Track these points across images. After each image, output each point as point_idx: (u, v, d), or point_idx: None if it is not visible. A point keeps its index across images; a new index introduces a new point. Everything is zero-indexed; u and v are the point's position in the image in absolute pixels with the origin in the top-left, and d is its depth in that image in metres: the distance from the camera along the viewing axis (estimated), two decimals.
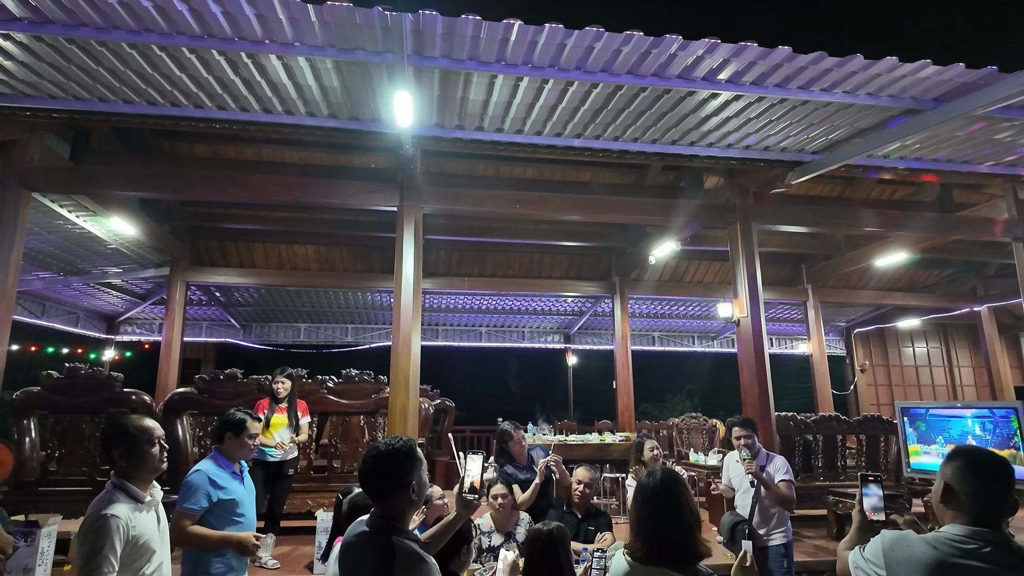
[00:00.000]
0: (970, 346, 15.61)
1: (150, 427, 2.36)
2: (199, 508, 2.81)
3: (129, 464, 2.27)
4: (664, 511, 1.90)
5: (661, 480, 1.96)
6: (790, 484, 4.07)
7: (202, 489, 2.83)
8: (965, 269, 12.19)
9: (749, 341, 6.85)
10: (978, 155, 5.73)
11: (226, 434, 3.07)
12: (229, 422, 3.09)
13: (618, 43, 3.83)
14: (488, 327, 14.29)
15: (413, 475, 1.91)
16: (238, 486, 3.01)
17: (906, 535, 1.85)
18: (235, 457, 3.08)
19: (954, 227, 7.75)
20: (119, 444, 2.28)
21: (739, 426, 4.21)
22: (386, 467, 1.90)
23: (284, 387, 5.73)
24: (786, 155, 5.92)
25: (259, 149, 8.33)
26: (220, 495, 2.88)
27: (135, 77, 4.49)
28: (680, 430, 10.30)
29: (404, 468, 1.90)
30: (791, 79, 4.31)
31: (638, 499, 1.96)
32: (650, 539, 1.89)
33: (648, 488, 1.95)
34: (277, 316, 13.54)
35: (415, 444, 2.01)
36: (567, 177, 9.00)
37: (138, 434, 2.31)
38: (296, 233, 10.38)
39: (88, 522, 2.16)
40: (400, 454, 1.92)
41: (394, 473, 1.89)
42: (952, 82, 4.21)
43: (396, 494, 1.89)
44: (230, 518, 2.92)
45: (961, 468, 1.78)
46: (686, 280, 11.77)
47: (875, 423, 7.50)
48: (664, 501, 1.91)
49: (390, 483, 1.89)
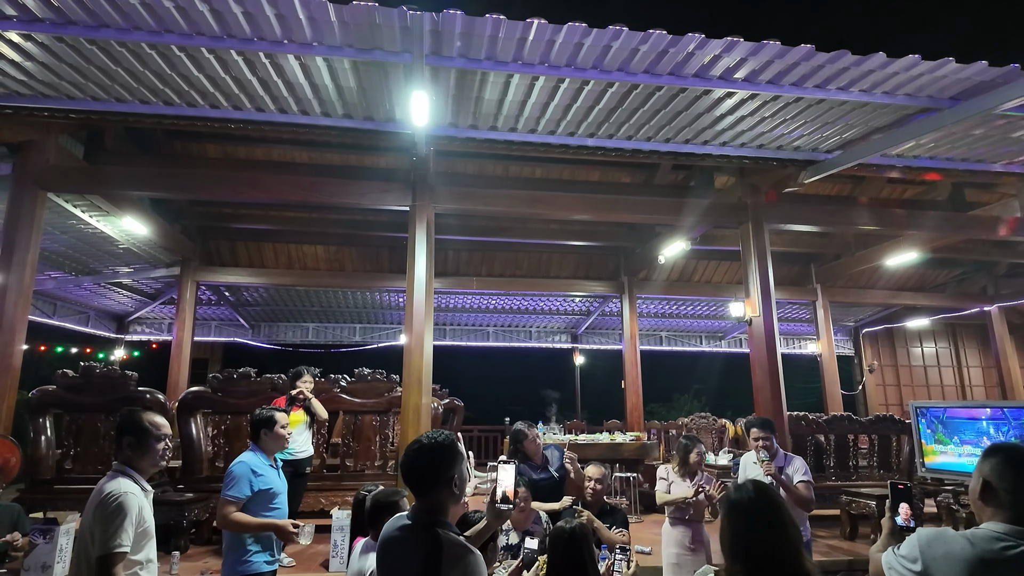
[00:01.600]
0: (979, 346, 15.54)
1: (161, 424, 2.53)
2: (243, 496, 3.01)
3: (135, 453, 2.43)
4: (767, 527, 1.73)
5: (758, 493, 1.79)
6: (809, 485, 4.06)
7: (245, 478, 3.04)
8: (975, 269, 12.14)
9: (761, 341, 6.84)
10: (993, 154, 5.71)
11: (261, 431, 3.27)
12: (261, 420, 3.29)
13: (636, 42, 3.84)
14: (495, 327, 14.30)
15: (455, 469, 1.91)
16: (275, 477, 3.23)
17: (944, 531, 1.83)
18: (272, 450, 3.29)
19: (966, 226, 7.72)
20: (130, 433, 2.44)
21: (757, 427, 4.19)
22: (429, 461, 1.90)
23: (308, 387, 5.66)
24: (799, 154, 5.92)
25: (269, 149, 8.36)
26: (260, 484, 3.09)
27: (153, 77, 4.52)
28: (690, 430, 10.27)
29: (447, 461, 1.91)
30: (808, 78, 4.31)
31: (734, 517, 1.78)
32: (754, 560, 1.71)
33: (745, 503, 1.78)
34: (286, 316, 13.58)
35: (456, 438, 2.02)
36: (576, 177, 9.00)
37: (150, 428, 2.48)
38: (306, 233, 10.41)
39: (103, 499, 2.27)
40: (442, 448, 1.93)
41: (437, 466, 1.90)
42: (970, 80, 4.21)
43: (439, 488, 1.89)
44: (268, 505, 3.12)
45: (1000, 465, 1.77)
46: (695, 280, 11.75)
47: (887, 423, 7.48)
48: (766, 516, 1.75)
49: (433, 477, 1.90)
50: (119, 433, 2.48)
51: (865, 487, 7.01)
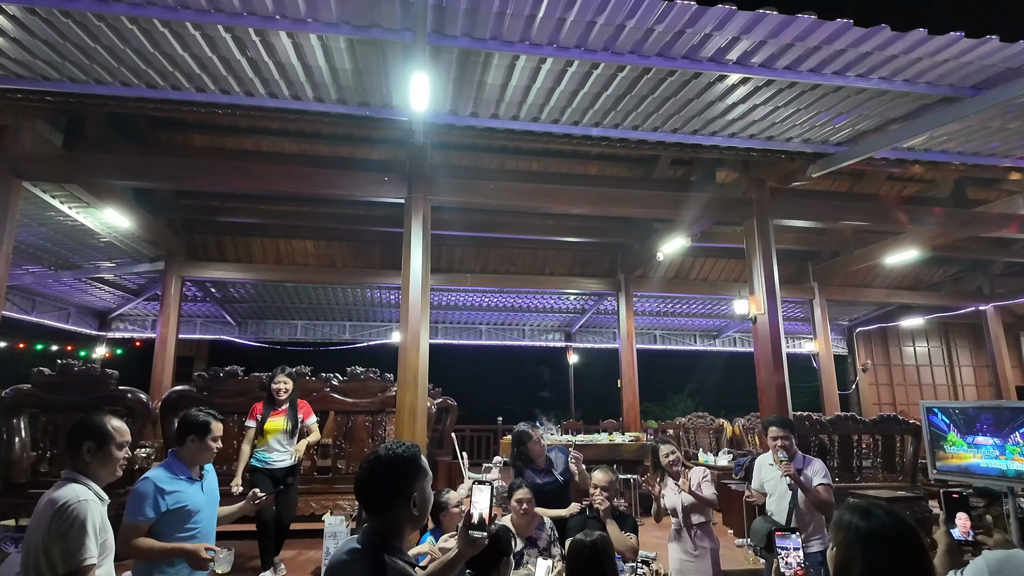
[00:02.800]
0: (971, 345, 15.56)
1: (124, 430, 2.39)
2: (144, 519, 2.63)
3: (94, 460, 2.27)
4: (907, 562, 1.43)
5: (896, 521, 1.48)
6: (829, 488, 3.88)
7: (148, 499, 2.65)
8: (971, 267, 12.10)
9: (766, 339, 6.68)
10: (1005, 148, 5.57)
11: (189, 436, 2.85)
12: (193, 424, 2.87)
13: (652, 20, 3.63)
14: (488, 325, 14.07)
15: (415, 486, 1.69)
16: (195, 493, 2.81)
17: (1014, 554, 1.67)
18: (196, 461, 2.87)
19: (970, 223, 7.60)
20: (91, 438, 2.28)
21: (777, 426, 4.00)
22: (385, 475, 1.69)
23: (286, 387, 5.14)
24: (809, 147, 5.74)
25: (258, 140, 8.08)
26: (169, 504, 2.69)
27: (135, 56, 4.23)
28: (687, 430, 10.13)
29: (403, 477, 1.69)
30: (827, 63, 4.12)
31: (869, 547, 1.46)
32: None
33: (870, 532, 1.47)
34: (274, 313, 13.26)
35: (419, 451, 1.78)
36: (573, 171, 8.80)
37: (113, 433, 2.33)
38: (295, 227, 10.12)
39: (59, 509, 2.08)
40: (401, 460, 1.70)
41: (393, 482, 1.68)
42: (995, 68, 4.04)
43: (393, 507, 1.67)
44: (182, 527, 2.73)
45: None
46: (691, 278, 11.60)
47: (892, 423, 7.34)
48: (907, 549, 1.44)
49: (388, 493, 1.68)
50: (77, 437, 2.29)
51: (870, 488, 6.88)
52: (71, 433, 2.36)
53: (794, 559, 1.92)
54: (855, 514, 1.54)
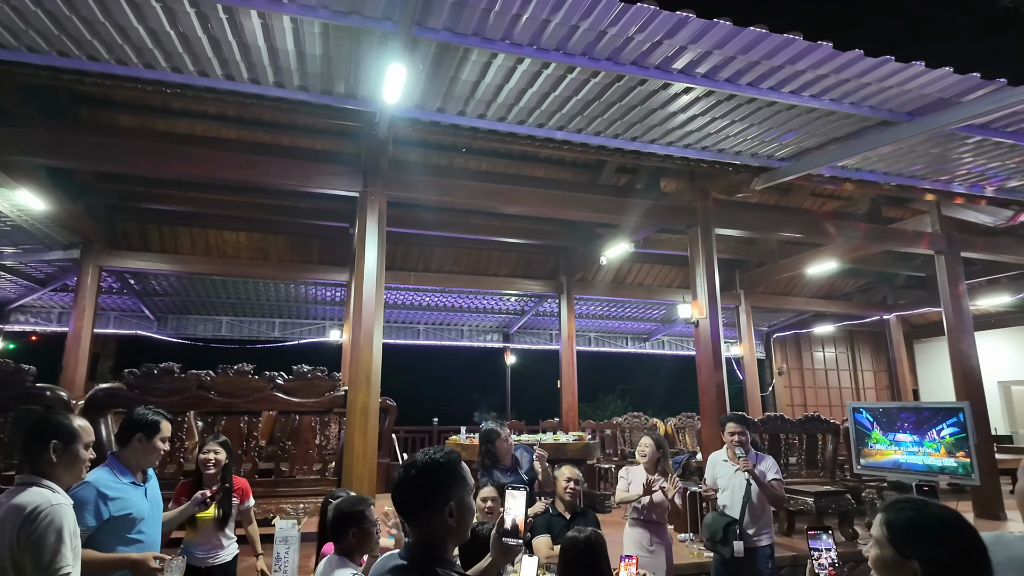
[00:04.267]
0: (872, 352, 16.89)
1: (89, 429, 2.25)
2: (84, 528, 2.35)
3: (60, 462, 2.12)
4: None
5: (964, 525, 1.41)
6: (781, 483, 4.11)
7: (89, 506, 2.42)
8: (878, 279, 13.17)
9: (708, 342, 6.99)
10: (926, 171, 6.11)
11: (135, 436, 2.63)
12: (141, 422, 2.65)
13: (632, 30, 3.72)
14: (427, 324, 13.90)
15: (451, 493, 1.61)
16: (138, 499, 2.60)
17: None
18: (140, 464, 2.66)
19: (886, 238, 8.29)
20: (59, 437, 2.13)
21: (735, 422, 4.18)
22: (418, 482, 1.61)
23: (216, 458, 3.58)
24: (755, 160, 6.06)
25: (193, 124, 7.61)
26: (112, 511, 2.47)
27: (80, 24, 3.89)
28: (623, 429, 10.42)
29: (439, 484, 1.62)
30: (786, 82, 4.37)
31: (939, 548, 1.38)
32: None
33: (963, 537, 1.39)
34: (198, 308, 12.51)
35: (459, 458, 1.70)
36: (521, 172, 8.85)
37: (79, 432, 2.19)
38: (228, 218, 9.61)
39: (28, 516, 1.92)
40: (437, 467, 1.63)
41: (426, 490, 1.61)
42: (930, 96, 4.42)
43: (430, 516, 1.60)
44: (126, 536, 2.52)
45: None
46: (628, 282, 11.96)
47: (816, 423, 7.86)
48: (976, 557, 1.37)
49: (422, 502, 1.61)
50: (41, 438, 2.10)
51: (797, 484, 7.34)
52: (32, 433, 2.15)
53: (827, 559, 1.92)
54: (906, 508, 1.48)
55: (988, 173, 6.19)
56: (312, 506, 5.93)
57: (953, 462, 5.26)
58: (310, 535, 5.47)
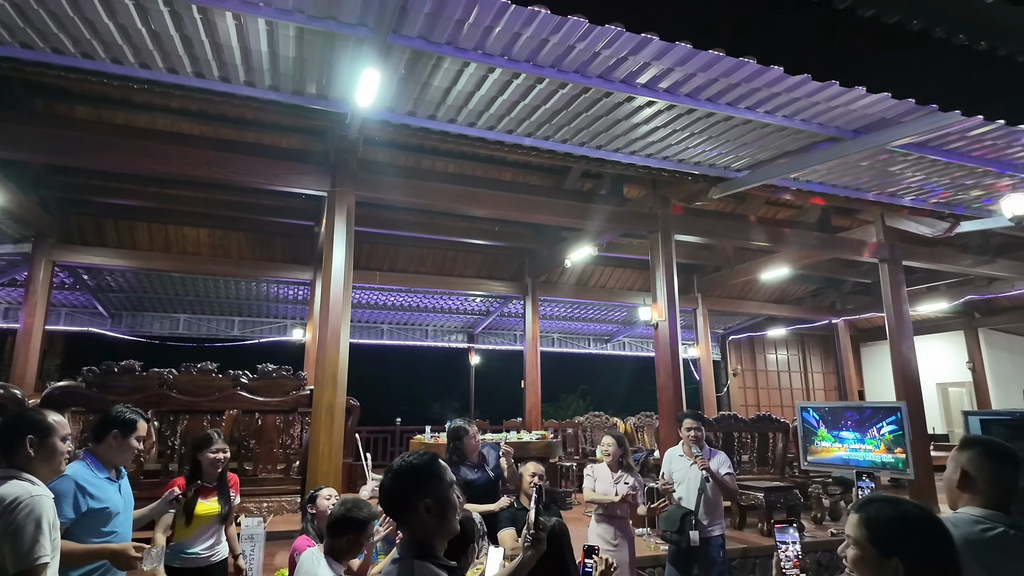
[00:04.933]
0: (821, 354, 17.60)
1: (64, 423, 2.29)
2: (64, 520, 2.40)
3: (38, 456, 2.15)
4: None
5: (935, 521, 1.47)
6: (733, 477, 4.36)
7: (68, 498, 2.46)
8: (827, 285, 13.76)
9: (666, 344, 7.24)
10: (870, 184, 6.49)
11: (111, 433, 2.68)
12: (117, 420, 2.71)
13: (601, 45, 3.90)
14: (391, 324, 13.88)
15: (426, 492, 1.77)
16: (114, 494, 2.67)
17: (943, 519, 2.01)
18: (114, 461, 2.72)
19: (835, 246, 8.73)
20: (35, 432, 2.16)
21: (691, 418, 4.43)
22: (395, 486, 1.80)
23: (225, 456, 3.65)
24: (713, 170, 6.34)
25: (153, 118, 7.46)
26: (91, 504, 2.53)
27: (47, 17, 3.84)
28: (585, 429, 10.65)
29: (416, 484, 1.78)
30: (742, 99, 4.62)
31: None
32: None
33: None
34: (154, 305, 12.21)
35: (434, 459, 1.86)
36: (488, 175, 8.95)
37: (55, 426, 2.23)
38: (189, 214, 9.43)
39: (7, 506, 1.96)
40: (412, 468, 1.80)
41: (406, 490, 1.78)
42: (874, 116, 4.75)
43: (411, 515, 1.77)
44: (100, 530, 2.57)
45: (979, 456, 1.97)
46: (591, 284, 12.21)
47: (767, 422, 8.23)
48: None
49: (402, 503, 1.79)
50: (15, 433, 2.15)
51: (749, 480, 7.66)
52: (7, 429, 2.21)
53: (793, 551, 2.07)
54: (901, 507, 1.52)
55: (926, 187, 6.62)
56: (276, 505, 5.93)
57: (891, 458, 5.62)
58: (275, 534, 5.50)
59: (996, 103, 3.22)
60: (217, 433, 3.70)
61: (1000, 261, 9.66)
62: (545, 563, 2.65)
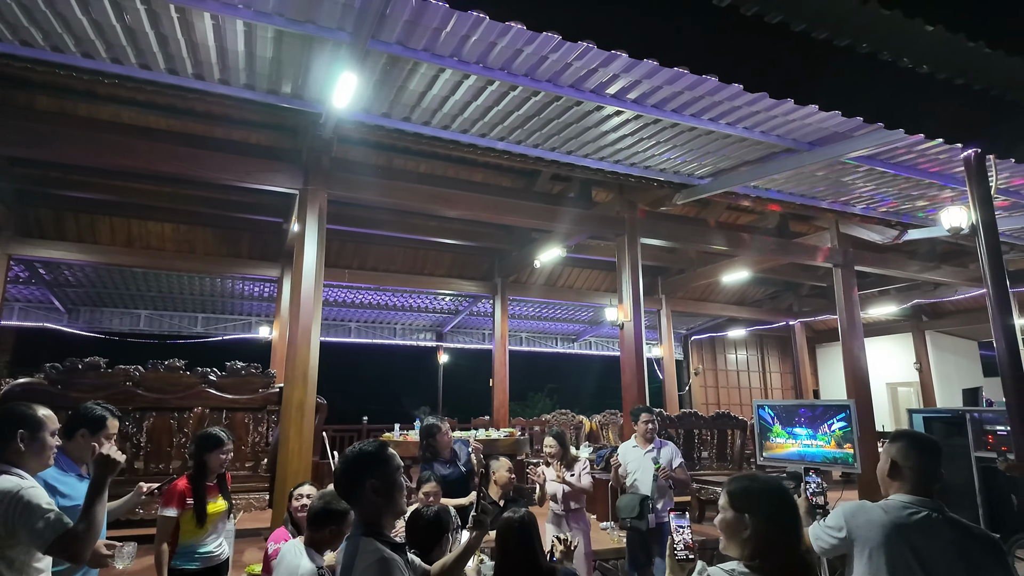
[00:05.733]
0: (779, 354, 18.19)
1: (53, 417, 2.29)
2: None
3: (28, 450, 2.16)
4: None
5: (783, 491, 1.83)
6: (684, 467, 4.66)
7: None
8: (785, 288, 14.26)
9: (631, 344, 7.47)
10: (825, 192, 6.83)
11: (80, 431, 2.68)
12: (86, 417, 2.71)
13: (573, 56, 4.05)
14: (358, 322, 13.84)
15: (373, 473, 1.91)
16: (84, 490, 2.58)
17: (863, 504, 2.21)
18: (84, 459, 2.72)
19: (792, 251, 9.10)
20: (25, 426, 2.17)
21: (647, 412, 4.79)
22: (345, 470, 1.95)
23: (229, 455, 3.58)
24: (678, 177, 6.57)
25: (118, 110, 7.30)
26: (61, 502, 2.49)
27: (17, 9, 3.80)
28: (551, 426, 10.83)
29: (361, 469, 1.93)
30: (706, 111, 4.85)
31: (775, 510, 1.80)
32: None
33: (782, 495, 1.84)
34: (115, 300, 11.92)
35: (382, 445, 2.01)
36: (459, 176, 9.02)
37: (45, 421, 2.23)
38: (153, 208, 9.24)
39: (6, 496, 1.99)
40: (359, 453, 1.97)
41: (352, 475, 1.93)
42: (828, 130, 5.03)
43: (357, 495, 1.92)
44: None
45: (907, 447, 2.19)
46: (559, 285, 12.41)
47: (726, 419, 8.56)
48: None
49: (349, 485, 1.94)
50: (5, 428, 2.16)
51: (708, 475, 7.96)
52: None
53: (687, 535, 2.29)
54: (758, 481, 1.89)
55: (876, 197, 6.99)
56: (243, 503, 5.93)
57: (842, 453, 5.93)
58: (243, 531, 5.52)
59: (936, 122, 3.49)
60: (225, 433, 3.62)
61: (945, 267, 10.22)
62: (516, 554, 2.80)
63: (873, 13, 2.59)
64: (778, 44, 2.87)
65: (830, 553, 2.27)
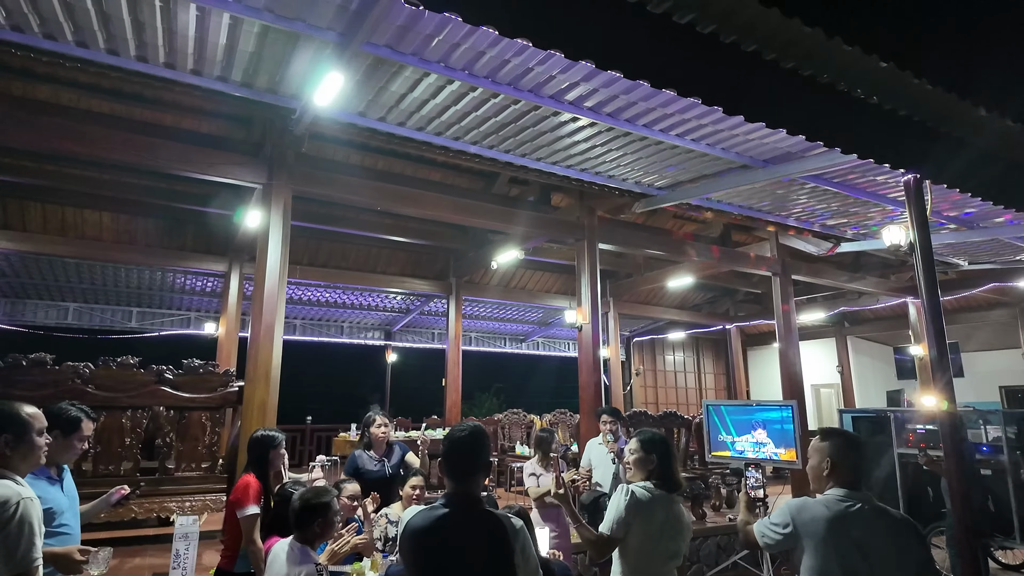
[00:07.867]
0: (713, 356, 19.05)
1: (39, 416, 2.24)
2: None
3: (14, 453, 2.11)
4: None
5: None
6: None
7: None
8: (722, 294, 14.99)
9: (589, 346, 7.71)
10: (773, 207, 7.29)
11: (52, 432, 2.56)
12: (60, 419, 2.60)
13: (558, 69, 4.20)
14: (304, 320, 13.53)
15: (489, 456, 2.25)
16: (56, 493, 2.62)
17: (806, 500, 2.41)
18: (54, 461, 2.64)
19: (734, 260, 9.61)
20: (10, 429, 2.11)
21: (607, 414, 5.09)
22: (472, 448, 2.17)
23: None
24: (638, 187, 6.86)
25: (57, 91, 6.89)
26: None
27: None
28: (503, 426, 11.00)
29: (486, 449, 2.24)
30: (658, 122, 5.08)
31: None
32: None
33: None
34: (40, 292, 11.18)
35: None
36: (417, 174, 9.01)
37: (30, 421, 2.17)
38: (91, 196, 8.74)
39: (7, 506, 1.94)
40: (483, 435, 2.25)
41: (481, 454, 2.21)
42: (781, 149, 5.41)
43: (479, 474, 2.20)
44: (47, 530, 2.47)
45: (842, 445, 2.40)
46: (512, 286, 12.57)
47: (673, 418, 8.96)
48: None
49: (474, 464, 2.19)
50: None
51: None
52: None
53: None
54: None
55: (816, 212, 7.52)
56: (199, 504, 5.76)
57: (783, 450, 6.37)
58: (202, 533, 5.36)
59: (871, 144, 3.71)
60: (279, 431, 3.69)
61: (868, 278, 11.06)
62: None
63: (776, 18, 2.46)
64: (729, 63, 2.90)
65: (775, 548, 2.46)
